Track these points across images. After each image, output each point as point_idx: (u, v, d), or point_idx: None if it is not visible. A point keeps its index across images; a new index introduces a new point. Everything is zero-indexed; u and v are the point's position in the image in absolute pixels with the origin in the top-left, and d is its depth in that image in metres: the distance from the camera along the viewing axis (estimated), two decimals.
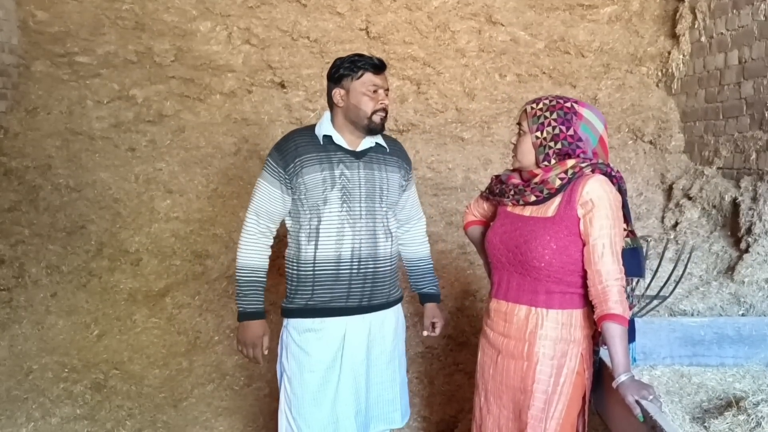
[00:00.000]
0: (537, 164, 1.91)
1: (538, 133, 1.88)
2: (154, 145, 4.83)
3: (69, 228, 4.35)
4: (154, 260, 4.29)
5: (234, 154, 4.85)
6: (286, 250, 2.24)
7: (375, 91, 2.14)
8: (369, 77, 2.13)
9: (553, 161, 1.87)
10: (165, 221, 4.49)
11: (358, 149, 2.18)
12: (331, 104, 2.19)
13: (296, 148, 2.14)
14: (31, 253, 4.16)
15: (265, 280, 2.21)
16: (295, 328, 2.17)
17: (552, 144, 1.87)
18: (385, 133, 2.27)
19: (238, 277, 2.19)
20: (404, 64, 5.00)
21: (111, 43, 4.95)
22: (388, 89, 2.20)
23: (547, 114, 1.87)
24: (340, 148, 2.16)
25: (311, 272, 2.14)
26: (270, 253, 2.22)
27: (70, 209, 4.42)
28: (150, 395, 3.47)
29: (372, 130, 2.17)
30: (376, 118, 2.15)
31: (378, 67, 2.15)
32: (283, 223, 2.25)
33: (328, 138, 2.15)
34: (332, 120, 2.19)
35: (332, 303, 2.15)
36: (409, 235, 2.43)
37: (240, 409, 3.40)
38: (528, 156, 1.92)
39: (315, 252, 2.12)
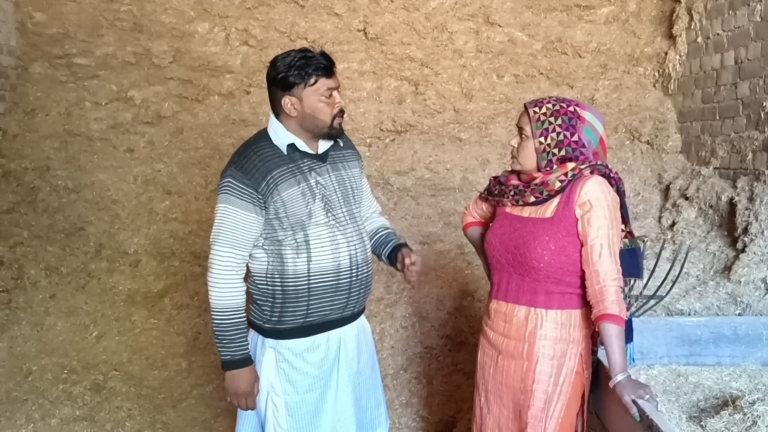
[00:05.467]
0: (538, 169, 1.91)
1: (542, 139, 1.87)
2: (153, 147, 4.84)
3: (68, 229, 4.35)
4: (153, 261, 4.30)
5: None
6: (252, 265, 2.00)
7: (330, 96, 1.94)
8: (323, 82, 1.92)
9: (555, 166, 1.88)
10: (164, 222, 4.50)
11: (320, 152, 2.02)
12: (279, 111, 1.97)
13: (263, 164, 1.92)
14: (30, 254, 4.16)
15: (246, 318, 1.98)
16: (289, 349, 1.99)
17: (555, 151, 1.87)
18: None
19: (219, 322, 1.92)
20: (402, 64, 5.01)
21: (109, 44, 4.95)
22: (339, 85, 1.99)
23: (552, 119, 1.87)
24: (305, 154, 1.97)
25: (305, 286, 1.95)
26: (245, 287, 1.99)
27: (69, 211, 4.42)
28: (149, 396, 3.48)
29: (333, 136, 2.01)
30: (336, 124, 1.97)
31: (329, 68, 1.93)
32: None
33: (291, 146, 1.96)
34: (285, 126, 1.98)
35: (331, 315, 2.01)
36: (367, 217, 2.25)
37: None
38: (530, 160, 1.91)
39: (309, 264, 1.94)
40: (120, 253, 4.31)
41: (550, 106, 1.88)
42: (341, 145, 2.09)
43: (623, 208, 1.91)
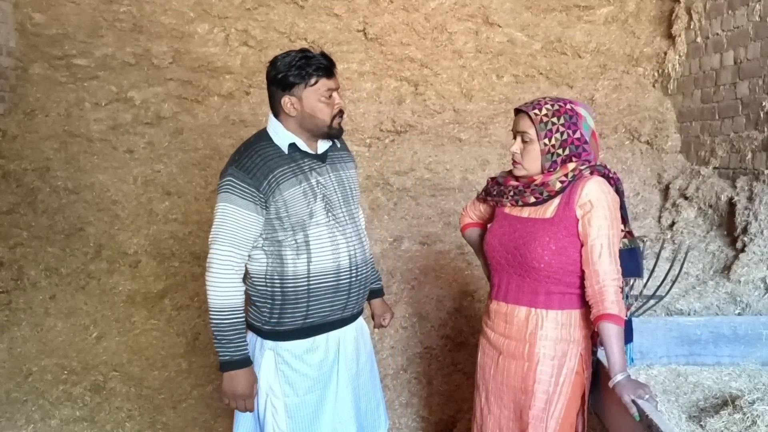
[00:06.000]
0: (542, 171, 1.90)
1: (546, 140, 1.86)
2: (153, 147, 4.84)
3: (67, 230, 4.35)
4: (153, 262, 4.30)
5: None
6: (251, 266, 1.99)
7: (330, 96, 1.95)
8: (323, 83, 1.93)
9: (558, 167, 1.88)
10: (163, 223, 4.50)
11: (320, 152, 2.02)
12: (278, 111, 1.97)
13: (264, 163, 1.91)
14: (30, 255, 4.16)
15: (244, 318, 1.97)
16: (289, 351, 1.99)
17: (560, 151, 1.86)
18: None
19: (217, 322, 1.90)
20: (402, 65, 5.02)
21: (109, 45, 4.96)
22: (339, 86, 2.00)
23: (555, 119, 1.86)
24: (306, 154, 1.98)
25: (305, 287, 1.95)
26: (244, 287, 1.98)
27: (69, 211, 4.42)
28: (149, 397, 3.48)
29: (332, 136, 2.02)
30: (336, 124, 1.98)
31: (329, 68, 1.94)
32: None
33: (292, 146, 1.96)
34: (284, 126, 1.98)
35: (330, 316, 2.01)
36: None
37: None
38: (535, 164, 1.90)
39: (309, 265, 1.94)
40: (120, 253, 4.31)
41: (549, 106, 1.88)
42: (338, 146, 2.10)
43: (622, 208, 1.91)
